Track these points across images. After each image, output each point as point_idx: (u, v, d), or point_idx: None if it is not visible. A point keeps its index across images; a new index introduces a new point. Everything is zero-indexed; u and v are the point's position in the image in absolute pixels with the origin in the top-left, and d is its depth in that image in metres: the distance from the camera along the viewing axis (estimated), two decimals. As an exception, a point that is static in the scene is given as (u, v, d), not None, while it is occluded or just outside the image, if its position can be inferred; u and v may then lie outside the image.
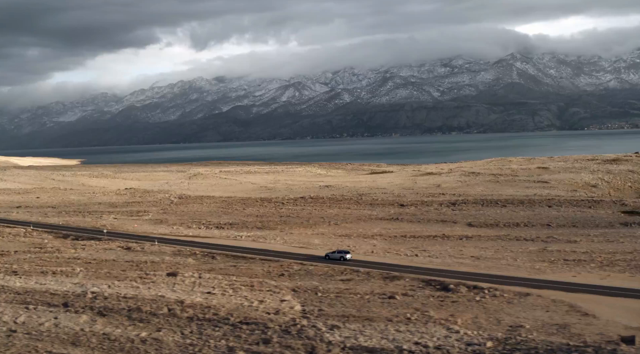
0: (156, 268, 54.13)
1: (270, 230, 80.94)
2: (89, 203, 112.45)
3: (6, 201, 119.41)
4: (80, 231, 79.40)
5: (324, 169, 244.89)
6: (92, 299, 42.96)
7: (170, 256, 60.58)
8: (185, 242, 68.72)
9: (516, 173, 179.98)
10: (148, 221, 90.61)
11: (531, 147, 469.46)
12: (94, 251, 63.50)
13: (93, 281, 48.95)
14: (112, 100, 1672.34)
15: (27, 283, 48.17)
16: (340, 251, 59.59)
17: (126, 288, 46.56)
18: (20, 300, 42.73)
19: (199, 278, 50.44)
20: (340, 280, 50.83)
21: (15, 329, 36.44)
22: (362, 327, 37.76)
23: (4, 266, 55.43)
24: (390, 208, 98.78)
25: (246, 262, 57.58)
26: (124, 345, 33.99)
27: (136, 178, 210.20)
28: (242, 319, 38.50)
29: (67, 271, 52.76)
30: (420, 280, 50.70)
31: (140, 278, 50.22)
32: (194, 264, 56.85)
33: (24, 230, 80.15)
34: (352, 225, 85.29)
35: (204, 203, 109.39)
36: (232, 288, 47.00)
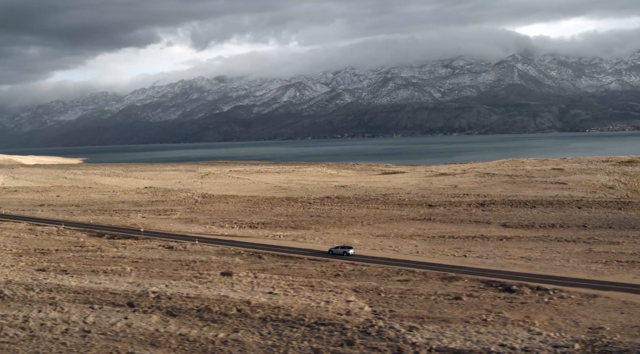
0: (207, 268, 53.24)
1: (304, 230, 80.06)
2: (112, 202, 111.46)
3: (27, 199, 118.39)
4: (113, 230, 78.44)
5: (334, 169, 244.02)
6: (156, 299, 42.06)
7: (215, 255, 59.68)
8: (225, 241, 67.80)
9: (532, 174, 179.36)
10: (177, 220, 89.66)
11: (534, 148, 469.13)
12: (137, 250, 62.57)
13: (148, 280, 48.04)
14: (112, 99, 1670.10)
15: (81, 282, 47.25)
16: (344, 246, 62.19)
17: (185, 287, 45.67)
18: (83, 300, 41.82)
19: (254, 277, 49.56)
20: (398, 281, 49.99)
21: (88, 329, 35.55)
22: (441, 328, 36.98)
23: (51, 265, 54.50)
24: (419, 209, 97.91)
25: (295, 262, 56.69)
26: (206, 346, 33.12)
27: (148, 177, 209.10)
28: (317, 320, 37.67)
29: (117, 270, 51.86)
30: (479, 280, 49.88)
31: (195, 277, 49.34)
32: (243, 263, 55.96)
33: (55, 229, 79.18)
34: (385, 225, 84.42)
35: (229, 202, 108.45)
36: (292, 288, 46.13)
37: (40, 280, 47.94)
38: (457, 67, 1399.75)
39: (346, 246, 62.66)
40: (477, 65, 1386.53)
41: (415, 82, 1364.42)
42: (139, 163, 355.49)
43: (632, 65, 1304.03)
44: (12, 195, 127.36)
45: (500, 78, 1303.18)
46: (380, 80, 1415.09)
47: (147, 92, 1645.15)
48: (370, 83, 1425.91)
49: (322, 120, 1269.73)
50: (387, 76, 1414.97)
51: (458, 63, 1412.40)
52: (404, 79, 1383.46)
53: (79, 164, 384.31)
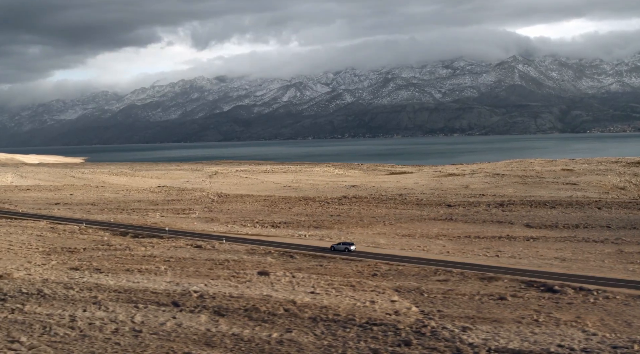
0: (242, 267, 52.69)
1: (327, 229, 79.54)
2: (128, 201, 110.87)
3: (42, 197, 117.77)
4: (136, 228, 77.85)
5: (341, 169, 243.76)
6: (199, 298, 41.48)
7: (246, 254, 59.12)
8: (252, 241, 67.23)
9: (542, 175, 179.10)
10: (197, 219, 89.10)
11: (536, 149, 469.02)
12: (165, 249, 61.99)
13: (186, 279, 47.47)
14: (112, 98, 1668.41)
15: (119, 281, 46.67)
16: (345, 243, 63.07)
17: (225, 287, 45.11)
18: (126, 299, 41.23)
19: (292, 277, 49.01)
20: (437, 281, 49.47)
21: (139, 329, 34.96)
22: (494, 329, 36.43)
23: (83, 263, 53.91)
24: (439, 209, 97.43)
25: (329, 262, 56.15)
26: (262, 346, 32.54)
27: (155, 176, 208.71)
28: (367, 320, 37.10)
29: (152, 269, 51.28)
30: (519, 281, 49.39)
31: (233, 277, 48.78)
32: (276, 263, 55.41)
33: (77, 227, 78.58)
34: (407, 224, 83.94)
35: (245, 201, 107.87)
36: (333, 288, 45.58)
37: (77, 278, 47.36)
38: (458, 68, 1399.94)
39: (348, 242, 63.31)
40: (477, 65, 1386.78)
41: (416, 82, 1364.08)
42: (143, 162, 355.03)
43: (632, 66, 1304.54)
44: (25, 193, 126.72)
45: (501, 79, 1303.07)
46: (380, 80, 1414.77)
47: (147, 91, 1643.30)
48: (371, 83, 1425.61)
49: (322, 120, 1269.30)
50: (388, 76, 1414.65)
51: (459, 64, 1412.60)
52: (405, 80, 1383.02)
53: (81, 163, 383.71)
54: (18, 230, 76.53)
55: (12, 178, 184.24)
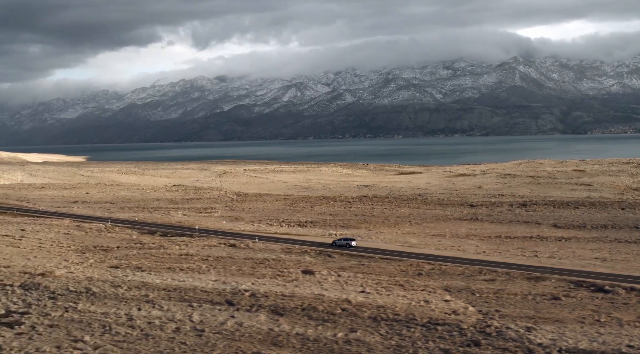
0: (284, 266, 52.04)
1: (355, 229, 78.92)
2: (147, 199, 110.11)
3: (58, 196, 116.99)
4: (163, 227, 77.13)
5: (349, 169, 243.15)
6: (252, 297, 40.82)
7: (283, 253, 58.46)
8: (285, 240, 66.53)
9: (554, 176, 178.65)
10: (221, 218, 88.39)
11: (539, 150, 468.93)
12: (200, 247, 61.30)
13: (231, 278, 46.80)
14: (113, 97, 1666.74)
15: (164, 279, 45.98)
16: (346, 238, 64.32)
17: (273, 286, 44.45)
18: (177, 297, 40.54)
19: (338, 276, 48.38)
20: (484, 280, 48.88)
21: (201, 328, 34.29)
22: (558, 329, 35.83)
23: (121, 262, 53.23)
24: (462, 209, 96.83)
25: (369, 261, 55.54)
26: (331, 346, 31.88)
27: (164, 175, 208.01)
28: (429, 320, 36.48)
29: (193, 268, 50.62)
30: (566, 281, 48.83)
31: (278, 276, 48.12)
32: (316, 262, 54.78)
33: (103, 225, 77.83)
34: (433, 224, 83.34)
35: (265, 201, 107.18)
36: (382, 288, 44.95)
37: (121, 277, 46.67)
38: (459, 69, 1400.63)
39: (349, 238, 64.54)
40: (478, 66, 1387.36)
41: (417, 83, 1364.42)
42: (148, 161, 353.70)
43: (633, 68, 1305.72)
44: (41, 191, 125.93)
45: (501, 80, 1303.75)
46: (381, 80, 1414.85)
47: (147, 90, 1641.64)
48: (372, 83, 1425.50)
49: (323, 120, 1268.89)
50: (389, 77, 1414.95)
51: (459, 64, 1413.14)
52: (405, 80, 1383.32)
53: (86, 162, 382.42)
54: (44, 228, 75.81)
55: (22, 176, 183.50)
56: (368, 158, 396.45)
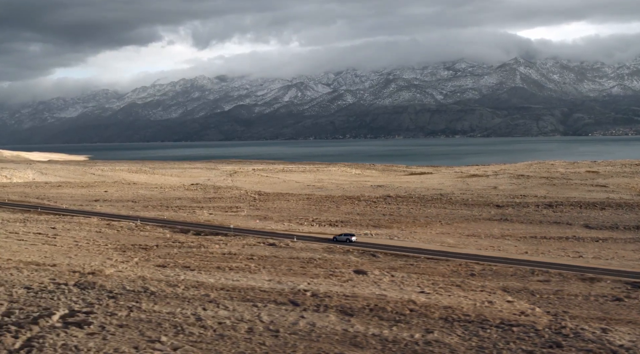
0: (333, 266, 51.34)
1: (387, 228, 78.21)
2: (168, 198, 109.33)
3: (77, 194, 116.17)
4: (193, 226, 76.37)
5: (358, 169, 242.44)
6: (314, 297, 40.11)
7: (326, 253, 57.77)
8: (323, 239, 65.86)
9: (568, 177, 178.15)
10: (248, 217, 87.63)
11: (542, 151, 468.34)
12: (240, 247, 60.57)
13: (285, 278, 46.10)
14: (113, 97, 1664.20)
15: (217, 279, 45.25)
16: (347, 234, 67.25)
17: (330, 285, 43.75)
18: (239, 297, 39.83)
19: (391, 276, 47.71)
20: (538, 281, 48.24)
21: (275, 329, 33.58)
22: (633, 330, 35.22)
23: (167, 261, 52.49)
24: (488, 209, 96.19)
25: (416, 261, 54.87)
26: (412, 347, 31.16)
27: (175, 174, 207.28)
28: (501, 321, 35.79)
29: (242, 267, 49.90)
30: (622, 281, 48.23)
31: (332, 275, 47.44)
32: (363, 261, 54.07)
33: (133, 224, 77.09)
34: (464, 224, 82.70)
35: (289, 200, 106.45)
36: (440, 288, 44.27)
37: (173, 276, 45.95)
38: (459, 70, 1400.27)
39: (349, 233, 67.33)
40: (479, 67, 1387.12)
41: (417, 83, 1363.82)
42: (152, 161, 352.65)
43: (634, 69, 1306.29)
44: (58, 190, 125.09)
45: (502, 81, 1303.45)
46: (382, 81, 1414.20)
47: (148, 90, 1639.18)
48: (372, 84, 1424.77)
49: (324, 120, 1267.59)
50: (389, 77, 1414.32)
51: (460, 65, 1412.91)
52: (406, 81, 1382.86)
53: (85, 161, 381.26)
54: (74, 226, 75.05)
55: (33, 175, 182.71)
56: (371, 158, 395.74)
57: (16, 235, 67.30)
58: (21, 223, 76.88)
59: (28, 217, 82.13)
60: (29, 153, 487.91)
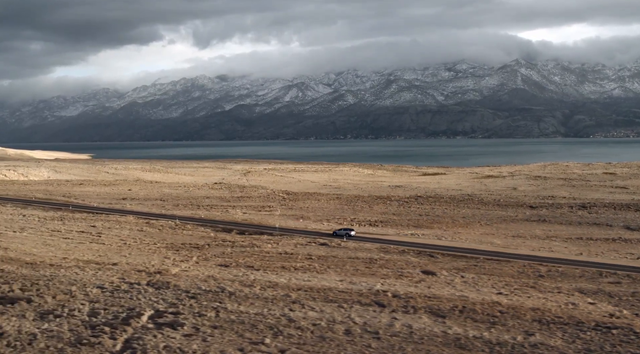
0: (399, 266, 50.55)
1: (428, 229, 77.44)
2: (195, 197, 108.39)
3: (102, 192, 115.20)
4: (234, 225, 75.51)
5: (369, 169, 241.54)
6: (395, 297, 39.30)
7: (382, 253, 56.99)
8: (372, 239, 65.12)
9: (585, 178, 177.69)
10: (284, 216, 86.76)
11: (545, 153, 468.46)
12: (292, 246, 59.75)
13: (357, 278, 45.29)
14: (113, 96, 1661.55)
15: (288, 279, 44.43)
16: (346, 229, 70.70)
17: (404, 286, 42.92)
18: (322, 298, 39.00)
19: (461, 277, 46.93)
20: (609, 283, 47.51)
21: (372, 330, 32.74)
22: None
23: (227, 260, 51.64)
24: (522, 210, 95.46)
25: (476, 261, 54.11)
26: (520, 350, 30.31)
27: (188, 173, 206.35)
28: (597, 324, 35.05)
29: (307, 267, 49.10)
30: (694, 283, 47.56)
31: (401, 276, 46.66)
32: (424, 262, 53.27)
33: (172, 223, 76.24)
34: (504, 225, 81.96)
35: (319, 199, 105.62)
36: (515, 289, 43.48)
37: (241, 275, 45.13)
38: (460, 71, 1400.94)
39: (348, 228, 70.96)
40: (480, 68, 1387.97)
41: (418, 84, 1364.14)
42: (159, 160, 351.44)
43: (635, 72, 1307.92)
44: (80, 188, 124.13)
45: (503, 82, 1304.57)
46: (383, 82, 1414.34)
47: (148, 89, 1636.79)
48: (373, 85, 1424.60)
49: (324, 120, 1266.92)
50: (390, 78, 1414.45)
51: (461, 66, 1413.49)
52: (407, 81, 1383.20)
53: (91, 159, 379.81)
54: (114, 224, 74.20)
55: (47, 173, 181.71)
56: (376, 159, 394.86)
57: (59, 233, 66.44)
58: (59, 221, 76.01)
59: (63, 215, 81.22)
60: (32, 151, 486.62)
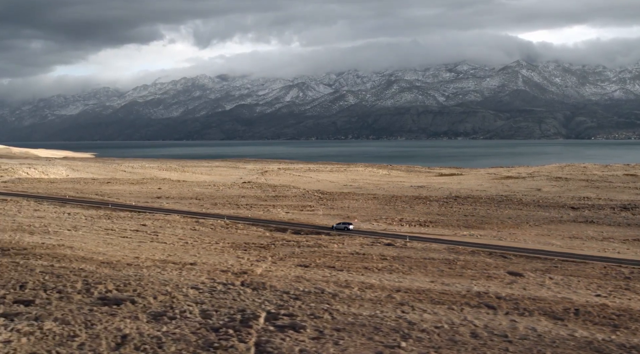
0: (481, 267, 49.54)
1: (479, 229, 76.39)
2: (230, 196, 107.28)
3: (134, 191, 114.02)
4: (286, 225, 74.45)
5: (384, 169, 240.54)
6: (499, 299, 38.34)
7: (454, 253, 55.97)
8: (433, 240, 64.11)
9: (607, 179, 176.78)
10: (327, 216, 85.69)
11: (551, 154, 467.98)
12: (358, 246, 58.73)
13: (446, 279, 44.25)
14: (114, 95, 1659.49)
15: (379, 280, 43.40)
16: (344, 223, 73.41)
17: (499, 287, 41.89)
18: (427, 299, 37.99)
19: (549, 279, 45.96)
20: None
21: (500, 333, 31.75)
22: None
23: (302, 260, 50.55)
24: (565, 211, 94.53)
25: (552, 263, 53.15)
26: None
27: (205, 172, 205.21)
28: None
29: (389, 268, 48.08)
30: None
31: (488, 277, 45.66)
32: (501, 263, 52.28)
33: (222, 222, 75.17)
34: (554, 226, 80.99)
35: (357, 199, 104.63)
36: (611, 291, 42.59)
37: (329, 276, 44.08)
38: (461, 72, 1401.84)
39: (346, 222, 73.91)
40: (480, 69, 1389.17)
41: (419, 85, 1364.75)
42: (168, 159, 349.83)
43: (636, 74, 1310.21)
44: (108, 186, 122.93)
45: (504, 83, 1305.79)
46: (383, 82, 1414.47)
47: (149, 88, 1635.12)
48: (374, 85, 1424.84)
49: (325, 121, 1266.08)
50: (391, 79, 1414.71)
51: (462, 67, 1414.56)
52: (408, 82, 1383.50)
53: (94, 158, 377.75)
54: (163, 223, 73.11)
55: (65, 171, 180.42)
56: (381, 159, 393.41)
57: (113, 231, 65.35)
58: (106, 219, 74.90)
59: (108, 214, 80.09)
60: (36, 150, 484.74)
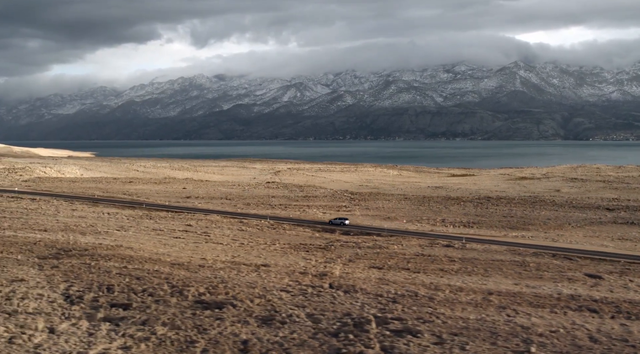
0: (555, 270, 48.81)
1: (524, 231, 75.80)
2: (260, 196, 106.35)
3: (160, 191, 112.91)
4: (334, 225, 73.61)
5: (395, 170, 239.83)
6: (596, 302, 37.63)
7: (517, 255, 55.27)
8: (487, 241, 63.45)
9: (624, 180, 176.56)
10: (365, 217, 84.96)
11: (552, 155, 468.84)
12: (418, 247, 57.98)
13: (528, 282, 43.57)
14: (111, 94, 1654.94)
15: (465, 283, 42.64)
16: (341, 218, 76.53)
17: (585, 290, 41.30)
18: (524, 303, 37.19)
19: (630, 281, 45.33)
20: None
21: (620, 338, 31.02)
22: None
23: (370, 261, 49.75)
24: (602, 212, 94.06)
25: (620, 265, 52.60)
26: None
27: (217, 172, 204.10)
28: None
29: (464, 270, 47.35)
30: None
31: (570, 280, 44.95)
32: (572, 266, 51.62)
33: (266, 222, 74.26)
34: (595, 227, 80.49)
35: (390, 200, 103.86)
36: (700, 294, 41.97)
37: (412, 278, 43.29)
38: (459, 72, 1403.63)
39: (343, 218, 77.06)
40: (478, 70, 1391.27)
41: (417, 86, 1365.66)
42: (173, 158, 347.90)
43: (633, 75, 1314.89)
44: (131, 186, 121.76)
45: (502, 84, 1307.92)
46: (381, 83, 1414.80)
47: (146, 88, 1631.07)
48: (372, 85, 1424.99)
49: (323, 121, 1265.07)
50: (389, 79, 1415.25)
51: (460, 68, 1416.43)
52: (406, 83, 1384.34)
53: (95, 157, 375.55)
54: (207, 223, 72.18)
55: (79, 171, 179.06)
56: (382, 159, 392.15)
57: (162, 232, 64.38)
58: (148, 219, 73.92)
59: (147, 214, 79.08)
60: (36, 149, 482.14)
